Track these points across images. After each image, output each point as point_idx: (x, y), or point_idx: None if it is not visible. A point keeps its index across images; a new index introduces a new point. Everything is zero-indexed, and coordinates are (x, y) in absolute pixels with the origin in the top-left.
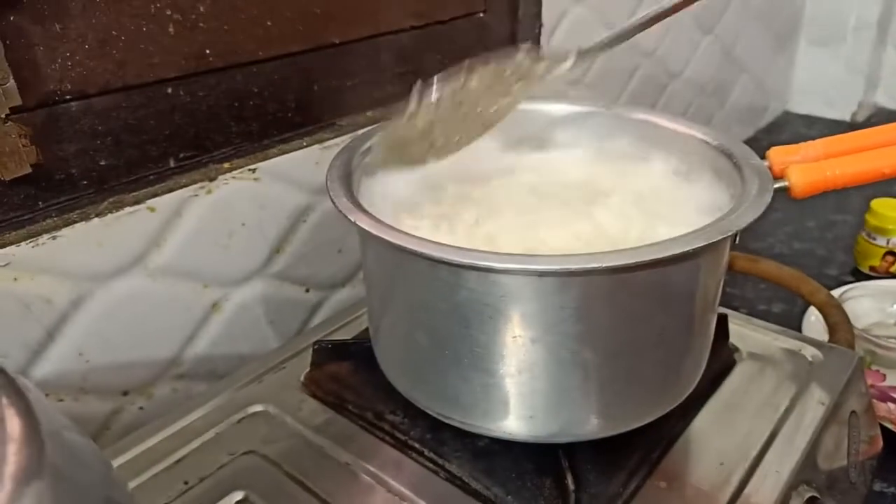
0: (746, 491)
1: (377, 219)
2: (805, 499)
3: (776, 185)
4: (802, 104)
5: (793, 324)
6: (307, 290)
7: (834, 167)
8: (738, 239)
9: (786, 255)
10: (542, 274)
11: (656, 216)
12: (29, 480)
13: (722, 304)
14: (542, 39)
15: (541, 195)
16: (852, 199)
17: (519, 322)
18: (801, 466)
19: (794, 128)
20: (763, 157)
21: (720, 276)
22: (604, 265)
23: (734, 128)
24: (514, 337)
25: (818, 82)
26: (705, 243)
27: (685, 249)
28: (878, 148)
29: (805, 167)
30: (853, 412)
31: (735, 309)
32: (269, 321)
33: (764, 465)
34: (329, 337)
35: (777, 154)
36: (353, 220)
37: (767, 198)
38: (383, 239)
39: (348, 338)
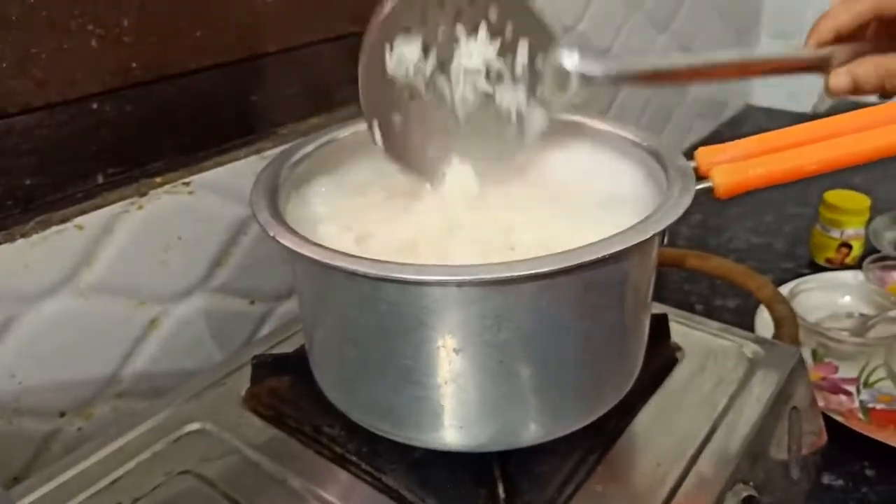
0: (681, 492)
1: (297, 233)
2: (741, 498)
3: (700, 186)
4: (764, 97)
5: (748, 318)
6: (252, 303)
7: (757, 166)
8: (665, 239)
9: (744, 249)
10: (460, 284)
11: (583, 220)
12: None
13: (680, 300)
14: None
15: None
16: (810, 191)
17: (442, 333)
18: (737, 465)
19: (755, 121)
20: (692, 157)
21: (649, 275)
22: (520, 273)
23: (696, 123)
24: (439, 347)
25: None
26: (623, 247)
27: (602, 255)
28: (801, 146)
29: (729, 167)
30: (794, 408)
31: (692, 305)
32: (213, 335)
33: (700, 465)
34: (274, 349)
35: (704, 154)
36: (272, 234)
37: (688, 199)
38: (302, 254)
39: (290, 350)
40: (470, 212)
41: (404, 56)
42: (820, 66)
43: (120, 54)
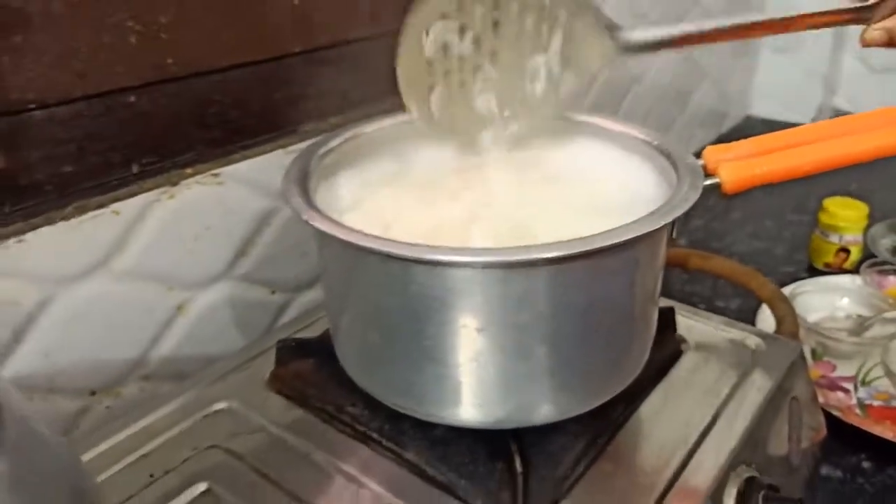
0: (686, 471)
1: (329, 218)
2: (743, 478)
3: (708, 182)
4: (763, 108)
5: (748, 319)
6: (273, 292)
7: (762, 164)
8: (675, 233)
9: (745, 253)
10: (485, 266)
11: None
12: None
13: (682, 300)
14: None
15: (495, 190)
16: (810, 198)
17: (465, 313)
18: (739, 448)
19: (755, 132)
20: (699, 155)
21: (658, 267)
22: (540, 256)
23: (697, 132)
24: (462, 327)
25: (778, 87)
26: (634, 235)
27: (614, 241)
28: (802, 146)
29: (735, 164)
30: (794, 398)
31: (694, 305)
32: (236, 323)
33: (704, 448)
34: (295, 336)
35: (711, 153)
36: (305, 219)
37: (697, 193)
38: (335, 237)
39: (312, 336)
40: (490, 207)
41: (441, 39)
42: (858, 19)
43: (157, 50)
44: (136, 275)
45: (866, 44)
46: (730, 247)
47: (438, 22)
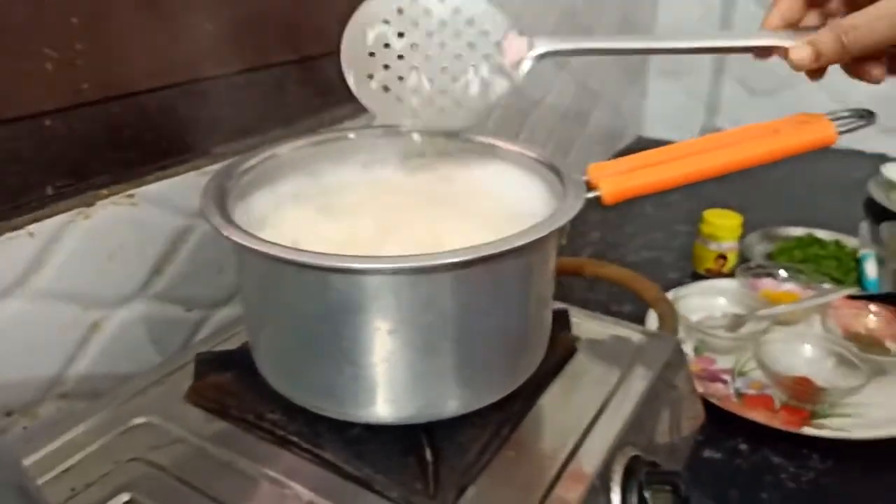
0: (579, 453)
1: (249, 233)
2: (628, 457)
3: (589, 195)
4: (654, 129)
5: (639, 321)
6: (189, 310)
7: (637, 178)
8: (564, 240)
9: (637, 262)
10: (394, 272)
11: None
12: None
13: (581, 305)
14: None
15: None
16: (694, 211)
17: (378, 316)
18: (625, 431)
19: (647, 150)
20: (585, 172)
21: (549, 271)
22: (442, 262)
23: (595, 149)
24: (375, 329)
25: (667, 109)
26: (524, 242)
27: (507, 248)
28: (671, 161)
29: (613, 179)
30: (674, 386)
31: (591, 309)
32: (152, 340)
33: (594, 432)
34: (212, 350)
35: (594, 169)
36: (226, 234)
37: (579, 204)
38: (255, 250)
39: (230, 348)
40: (398, 223)
41: (381, 38)
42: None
43: (72, 75)
44: (52, 294)
45: (797, 67)
46: (624, 257)
47: (380, 24)
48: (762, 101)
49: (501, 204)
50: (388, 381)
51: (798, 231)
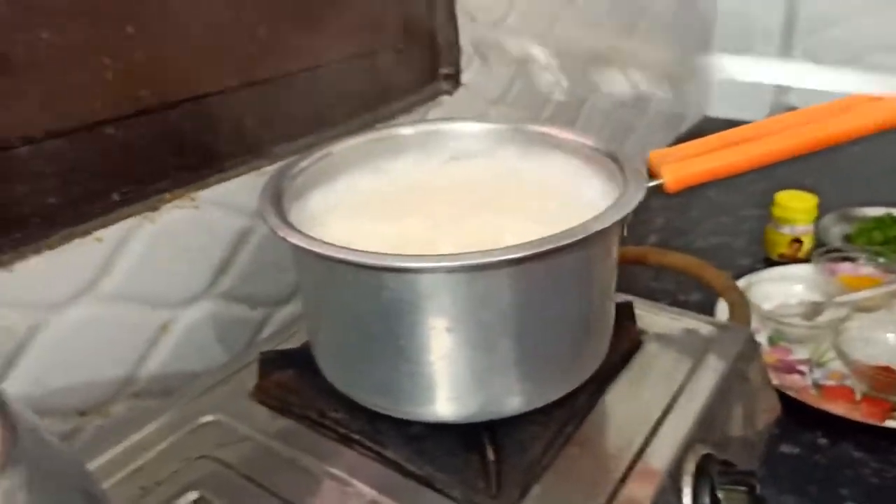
0: (647, 451)
1: (303, 233)
2: (700, 455)
3: (651, 184)
4: (720, 109)
5: (708, 310)
6: (253, 308)
7: (700, 163)
8: (625, 231)
9: (705, 248)
10: (449, 270)
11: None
12: (4, 467)
13: (647, 296)
14: (462, 64)
15: (451, 200)
16: (763, 194)
17: (434, 315)
18: (695, 428)
19: (712, 132)
20: (646, 160)
21: (611, 263)
22: (497, 259)
23: (657, 134)
24: (431, 328)
25: (733, 88)
26: (584, 235)
27: (566, 242)
28: (736, 145)
29: (676, 166)
30: (747, 379)
31: (657, 300)
32: (219, 339)
33: (663, 429)
34: (275, 349)
35: (655, 156)
36: (282, 235)
37: (641, 193)
38: (310, 250)
39: (292, 347)
40: (454, 218)
41: None
42: None
43: (131, 84)
44: (121, 297)
45: None
46: (691, 243)
47: None
48: (833, 76)
49: (559, 196)
50: (447, 380)
51: (877, 211)
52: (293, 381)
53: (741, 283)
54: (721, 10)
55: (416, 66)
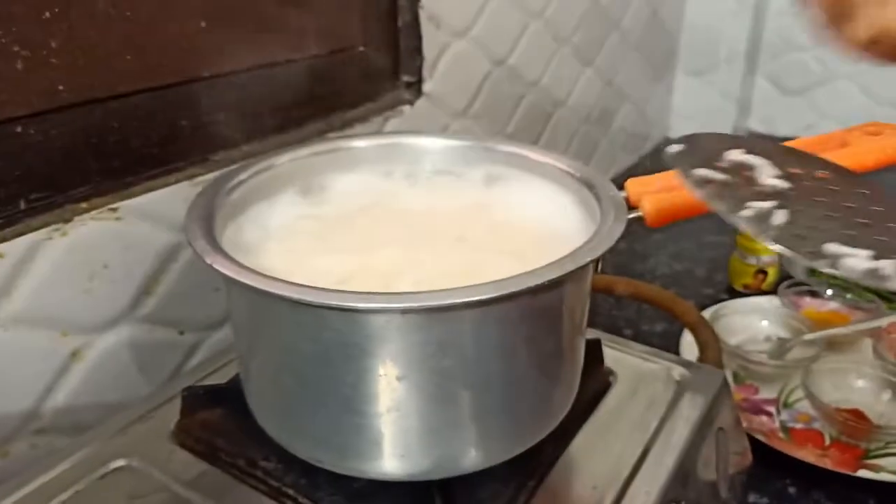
0: None
1: (235, 261)
2: None
3: (631, 215)
4: (682, 130)
5: (673, 342)
6: (181, 333)
7: (683, 196)
8: (599, 267)
9: (667, 275)
10: (404, 311)
11: (523, 244)
12: None
13: (608, 325)
14: (424, 73)
15: (415, 227)
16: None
17: (384, 360)
18: (669, 484)
19: None
20: (622, 188)
21: (584, 303)
22: (462, 300)
23: (619, 154)
24: (381, 375)
25: (695, 110)
26: (560, 274)
27: (539, 282)
28: None
29: (657, 197)
30: (720, 428)
31: (620, 330)
32: (140, 367)
33: (635, 485)
34: (204, 381)
35: (634, 185)
36: (209, 262)
37: (620, 228)
38: (241, 282)
39: (223, 381)
40: (413, 248)
41: None
42: None
43: (47, 76)
44: (25, 321)
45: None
46: (653, 269)
47: None
48: (796, 101)
49: (531, 224)
50: (397, 434)
51: None
52: (221, 422)
53: (706, 314)
54: (686, 29)
55: (376, 72)
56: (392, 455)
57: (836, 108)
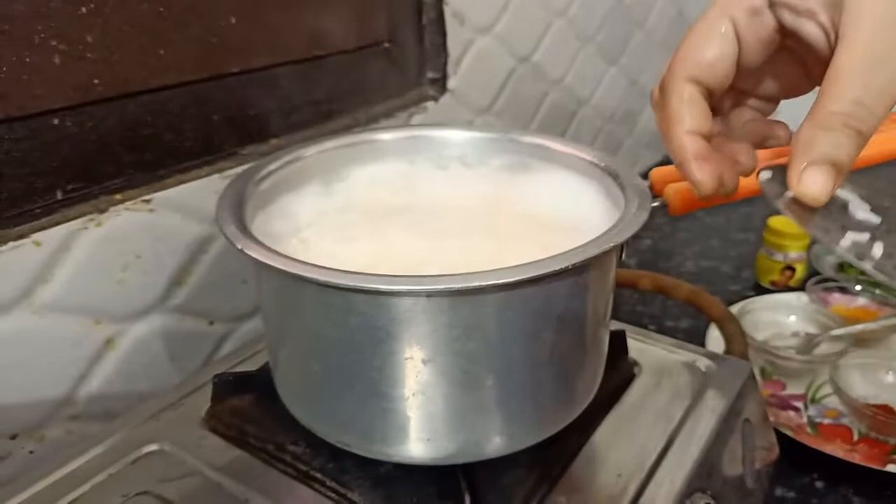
0: (642, 500)
1: (265, 246)
2: None
3: (654, 204)
4: None
5: (699, 338)
6: (211, 323)
7: None
8: (623, 255)
9: (693, 272)
10: (429, 294)
11: (547, 233)
12: None
13: (633, 320)
14: (449, 69)
15: (440, 217)
16: (753, 218)
17: (410, 344)
18: (694, 474)
19: None
20: (646, 177)
21: (608, 290)
22: (487, 283)
23: (644, 153)
24: (407, 359)
25: None
26: (582, 259)
27: (563, 266)
28: None
29: (681, 186)
30: (746, 420)
31: (645, 326)
32: (171, 356)
33: (659, 475)
34: (235, 369)
35: (658, 174)
36: (240, 247)
37: (645, 215)
38: (271, 266)
39: (252, 370)
40: (440, 235)
41: None
42: None
43: (82, 70)
44: (60, 308)
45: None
46: (678, 266)
47: None
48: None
49: (554, 213)
50: (422, 418)
51: None
52: (250, 408)
53: (732, 310)
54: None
55: (401, 68)
56: (418, 439)
57: None
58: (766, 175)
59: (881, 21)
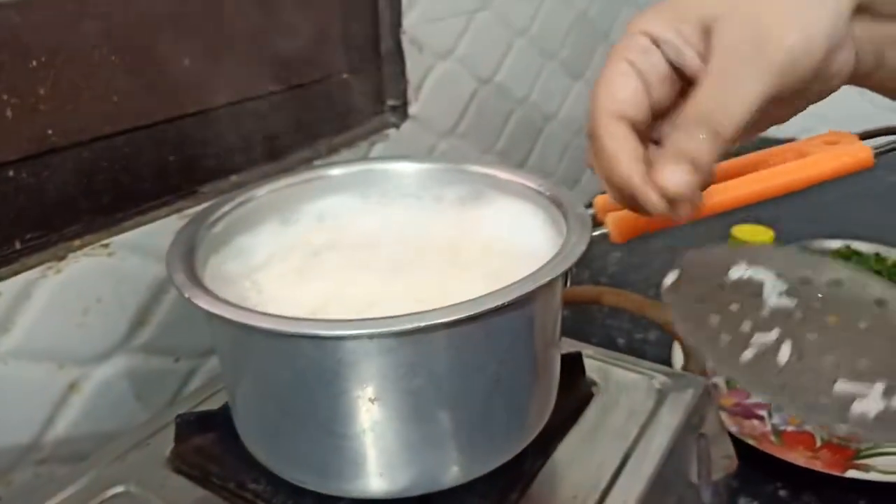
0: None
1: (212, 293)
2: None
3: (596, 233)
4: None
5: (667, 350)
6: (177, 360)
7: None
8: (568, 281)
9: (661, 284)
10: (371, 337)
11: (501, 262)
12: None
13: (601, 336)
14: (409, 96)
15: (393, 251)
16: (722, 227)
17: (358, 383)
18: (648, 492)
19: None
20: (591, 205)
21: (554, 317)
22: (428, 323)
23: None
24: (356, 398)
25: None
26: (522, 293)
27: (501, 302)
28: None
29: (621, 214)
30: (702, 434)
31: (614, 339)
32: (137, 396)
33: (614, 494)
34: (199, 407)
35: (603, 200)
36: (187, 295)
37: (583, 246)
38: (217, 315)
39: (216, 407)
40: (392, 277)
41: None
42: None
43: (36, 122)
44: (23, 355)
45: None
46: (648, 278)
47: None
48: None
49: (508, 242)
50: (375, 453)
51: (835, 244)
52: (213, 447)
53: None
54: None
55: (360, 98)
56: (372, 474)
57: (836, 113)
58: (671, 279)
59: (740, 40)
